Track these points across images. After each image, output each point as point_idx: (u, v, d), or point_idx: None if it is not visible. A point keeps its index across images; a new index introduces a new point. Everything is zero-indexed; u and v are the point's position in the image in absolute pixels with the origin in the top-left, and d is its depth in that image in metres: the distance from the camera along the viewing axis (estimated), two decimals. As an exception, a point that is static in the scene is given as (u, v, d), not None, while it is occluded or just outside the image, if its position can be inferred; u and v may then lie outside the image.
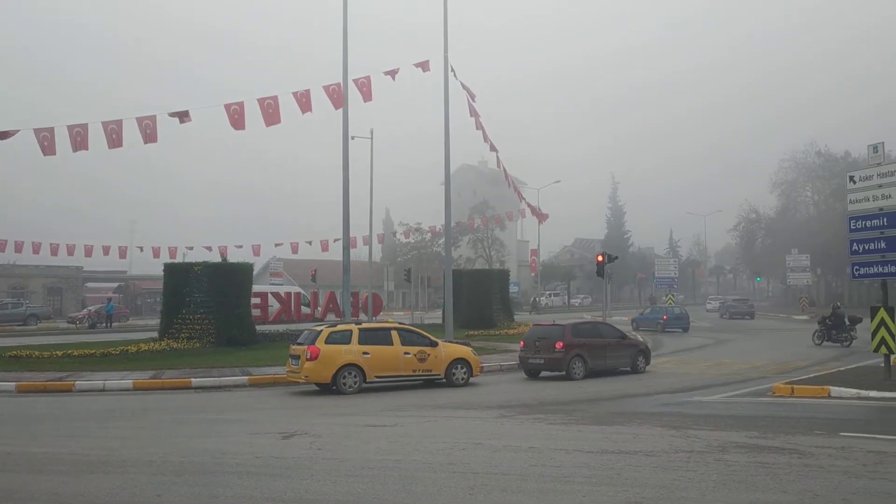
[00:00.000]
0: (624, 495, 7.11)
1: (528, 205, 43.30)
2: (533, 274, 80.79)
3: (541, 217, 44.42)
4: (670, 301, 47.47)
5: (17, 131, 22.71)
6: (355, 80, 24.37)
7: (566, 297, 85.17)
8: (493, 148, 30.50)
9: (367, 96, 24.55)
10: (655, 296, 70.31)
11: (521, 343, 19.92)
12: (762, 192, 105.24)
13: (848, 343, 27.21)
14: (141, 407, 14.62)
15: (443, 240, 39.03)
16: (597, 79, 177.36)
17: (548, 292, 74.93)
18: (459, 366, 17.48)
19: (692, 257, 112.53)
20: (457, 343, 20.05)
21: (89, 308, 55.19)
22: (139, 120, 22.63)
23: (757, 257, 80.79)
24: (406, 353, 16.77)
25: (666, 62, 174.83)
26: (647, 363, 20.62)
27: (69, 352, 23.00)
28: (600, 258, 33.92)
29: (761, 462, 8.53)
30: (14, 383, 17.06)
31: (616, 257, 39.10)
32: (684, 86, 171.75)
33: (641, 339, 25.33)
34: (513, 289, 59.45)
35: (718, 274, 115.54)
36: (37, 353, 22.88)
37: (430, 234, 77.93)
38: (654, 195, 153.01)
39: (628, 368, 19.97)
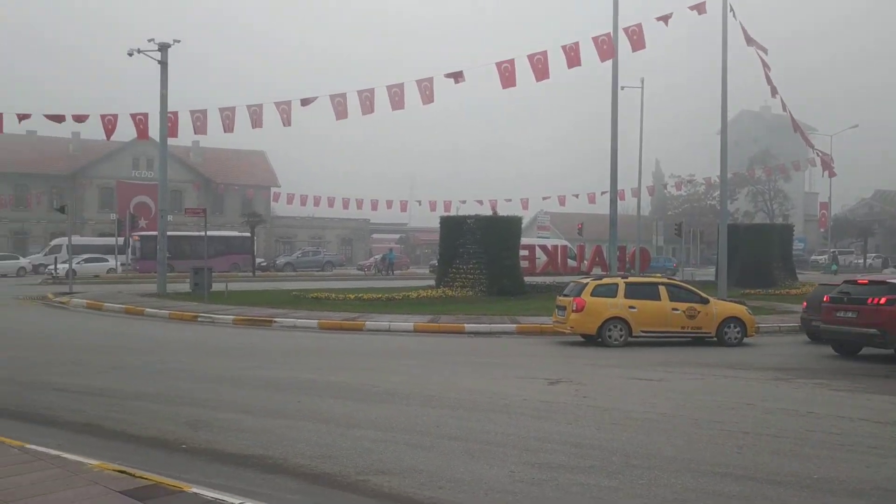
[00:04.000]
0: (919, 472, 6.45)
1: (819, 153, 39.30)
2: (822, 230, 73.59)
3: (830, 169, 40.19)
4: None
5: (315, 98, 25.45)
6: (625, 29, 23.74)
7: (860, 255, 76.49)
8: (774, 92, 28.09)
9: (637, 45, 23.81)
10: None
11: (804, 304, 18.42)
12: None
13: None
14: (420, 348, 15.91)
15: (718, 192, 36.98)
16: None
17: (833, 250, 67.82)
18: (732, 325, 16.66)
19: None
20: (730, 301, 19.09)
21: (375, 257, 60.67)
22: (419, 82, 24.18)
23: None
24: (674, 310, 16.34)
25: None
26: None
27: (360, 295, 25.58)
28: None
29: None
30: (316, 321, 19.41)
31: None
32: None
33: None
34: (797, 245, 54.75)
35: None
36: (333, 295, 25.78)
37: (703, 187, 74.18)
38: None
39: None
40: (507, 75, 23.57)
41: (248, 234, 49.94)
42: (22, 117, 27.87)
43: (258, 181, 71.75)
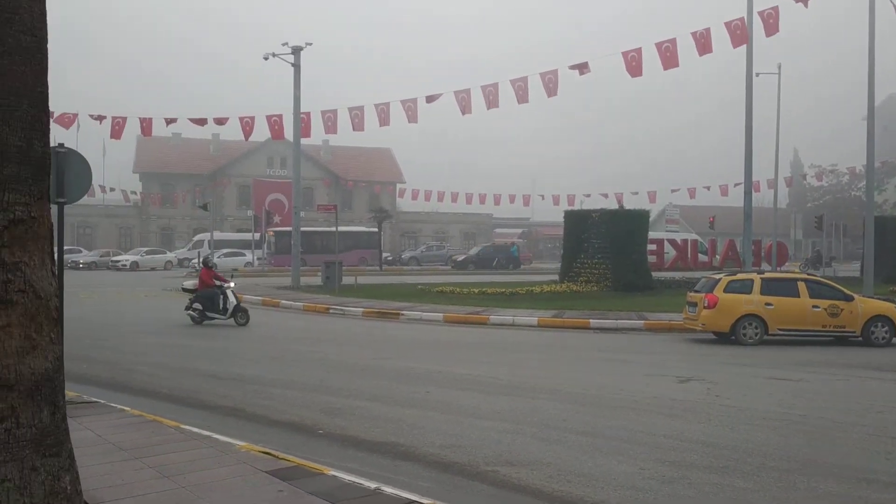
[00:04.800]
0: None
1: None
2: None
3: None
4: None
5: (440, 95, 25.85)
6: (760, 13, 22.66)
7: None
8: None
9: (771, 29, 22.66)
10: None
11: (963, 302, 16.99)
12: None
13: None
14: (545, 342, 15.89)
15: (863, 182, 34.66)
16: None
17: None
18: (879, 324, 15.62)
19: None
20: (877, 299, 17.90)
21: (472, 251, 61.29)
22: (542, 75, 24.06)
23: None
24: (815, 307, 15.50)
25: None
26: None
27: (483, 290, 25.79)
28: None
29: None
30: (441, 314, 19.76)
31: None
32: None
33: None
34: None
35: None
36: (457, 289, 26.11)
37: (847, 177, 69.66)
38: None
39: None
40: (633, 64, 23.04)
41: (376, 230, 51.29)
42: (169, 121, 29.92)
43: (384, 177, 73.55)
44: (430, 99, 25.97)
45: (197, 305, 17.73)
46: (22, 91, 4.05)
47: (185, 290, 18.75)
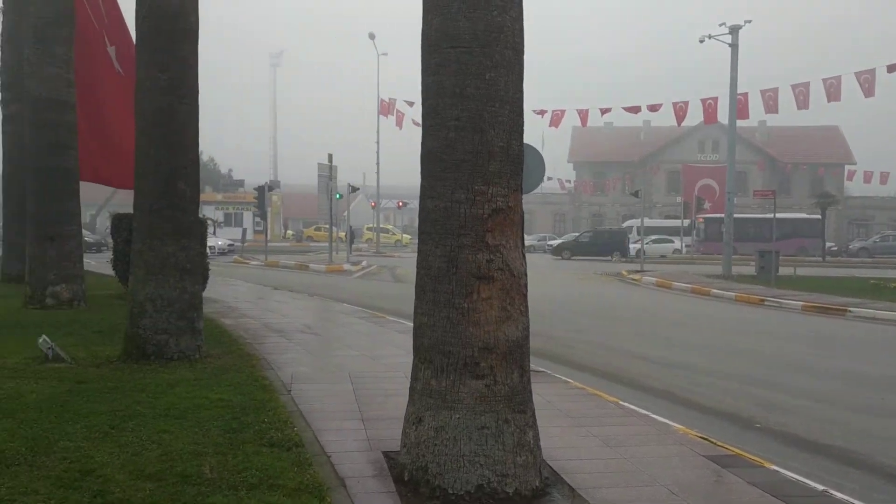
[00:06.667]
0: None
1: None
2: None
3: None
4: None
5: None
6: None
7: None
8: None
9: None
10: None
11: None
12: None
13: None
14: None
15: None
16: None
17: None
18: None
19: None
20: None
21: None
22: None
23: None
24: None
25: None
26: None
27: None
28: None
29: None
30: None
31: None
32: None
33: None
34: None
35: None
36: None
37: None
38: None
39: None
40: None
41: (818, 217, 46.94)
42: (604, 111, 31.26)
43: (829, 158, 66.73)
44: (891, 68, 22.89)
45: None
46: (505, 98, 4.75)
47: None
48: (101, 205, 57.56)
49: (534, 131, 55.04)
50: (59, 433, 5.64)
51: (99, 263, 23.93)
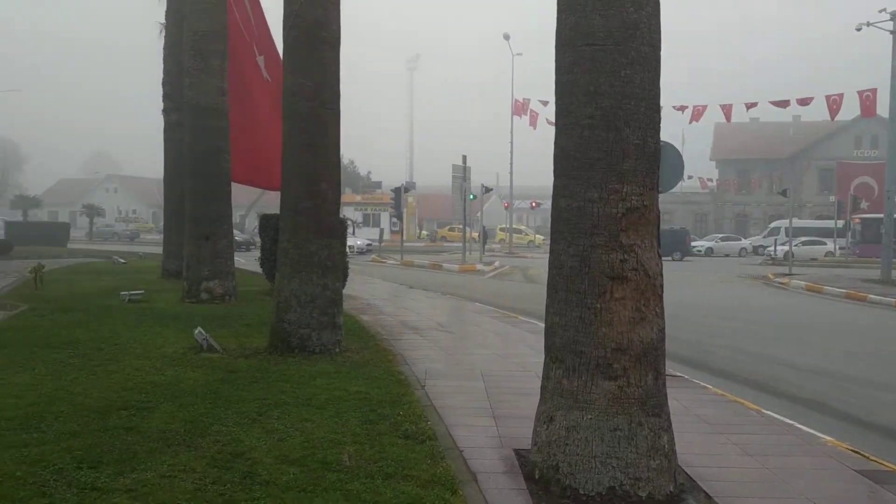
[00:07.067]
0: None
1: None
2: None
3: None
4: None
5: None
6: None
7: None
8: None
9: None
10: None
11: None
12: None
13: None
14: None
15: None
16: None
17: None
18: None
19: None
20: None
21: None
22: None
23: None
24: None
25: None
26: None
27: None
28: None
29: None
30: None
31: None
32: None
33: None
34: None
35: None
36: None
37: None
38: None
39: None
40: None
41: None
42: (749, 106, 29.83)
43: None
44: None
45: None
46: (641, 95, 4.68)
47: None
48: (249, 206, 61.10)
49: (673, 128, 53.32)
50: (212, 417, 6.08)
51: (247, 261, 25.38)
